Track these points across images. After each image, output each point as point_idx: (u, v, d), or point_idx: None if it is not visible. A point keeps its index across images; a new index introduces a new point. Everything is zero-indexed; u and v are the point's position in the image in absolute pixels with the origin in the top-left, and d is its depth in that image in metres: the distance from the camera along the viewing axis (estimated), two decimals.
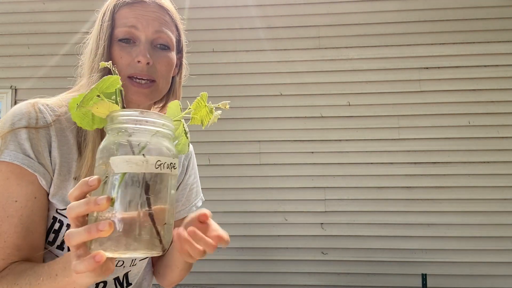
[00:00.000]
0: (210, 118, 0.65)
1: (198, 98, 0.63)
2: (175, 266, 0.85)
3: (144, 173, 0.52)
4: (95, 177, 0.51)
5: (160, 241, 0.53)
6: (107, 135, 0.55)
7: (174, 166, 0.55)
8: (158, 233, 0.53)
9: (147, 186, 0.52)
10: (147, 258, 0.94)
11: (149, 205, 0.52)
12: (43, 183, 0.75)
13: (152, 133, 0.54)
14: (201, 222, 0.64)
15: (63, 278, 0.63)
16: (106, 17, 0.81)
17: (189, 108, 0.63)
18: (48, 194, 0.77)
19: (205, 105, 0.63)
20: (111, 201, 0.50)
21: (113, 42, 0.80)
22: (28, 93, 3.81)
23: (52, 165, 0.77)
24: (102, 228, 0.48)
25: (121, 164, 0.51)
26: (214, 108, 0.65)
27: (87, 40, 0.87)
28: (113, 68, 0.61)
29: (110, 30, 0.80)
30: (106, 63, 0.62)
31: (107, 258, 0.53)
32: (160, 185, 0.54)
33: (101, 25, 0.81)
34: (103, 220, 0.49)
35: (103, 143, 0.55)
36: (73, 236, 0.51)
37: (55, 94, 0.86)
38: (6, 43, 3.95)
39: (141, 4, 0.81)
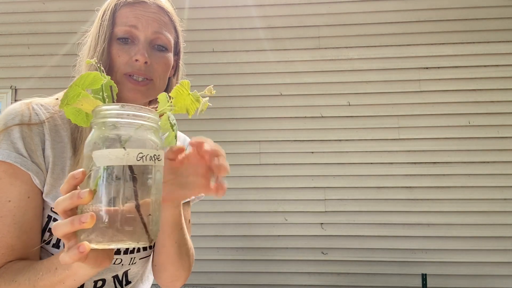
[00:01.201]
0: (196, 107, 0.65)
1: (178, 85, 0.62)
2: (169, 240, 0.81)
3: (125, 165, 0.53)
4: (80, 170, 0.53)
5: (146, 232, 0.54)
6: (92, 129, 0.56)
7: (158, 158, 0.56)
8: (144, 224, 0.54)
9: (129, 178, 0.53)
10: (149, 257, 0.94)
11: (132, 197, 0.53)
12: (36, 181, 0.75)
13: (134, 126, 0.55)
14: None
15: (62, 271, 0.63)
16: (106, 15, 0.82)
17: (171, 100, 0.63)
18: (42, 193, 0.77)
19: (189, 93, 0.63)
20: (94, 194, 0.52)
21: (112, 41, 0.81)
22: (28, 93, 3.80)
23: (45, 164, 0.77)
24: (85, 220, 0.50)
25: (102, 157, 0.52)
26: (200, 96, 0.64)
27: (86, 37, 0.87)
28: (99, 65, 0.61)
29: (110, 29, 0.81)
30: (91, 60, 0.63)
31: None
32: (143, 176, 0.55)
33: (101, 23, 0.82)
34: (87, 212, 0.51)
35: (88, 137, 0.56)
36: (58, 227, 0.53)
37: (55, 94, 0.86)
38: (6, 43, 3.95)
39: (142, 4, 0.82)
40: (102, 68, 0.61)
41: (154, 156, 0.55)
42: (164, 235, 0.79)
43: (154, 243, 0.85)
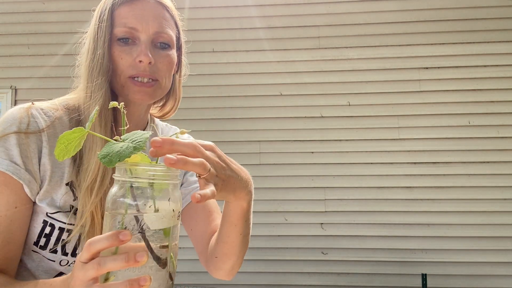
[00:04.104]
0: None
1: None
2: (235, 232, 0.79)
3: (172, 226, 0.55)
4: (126, 232, 0.50)
5: (172, 284, 0.57)
6: (128, 186, 0.54)
7: (180, 215, 0.58)
8: (172, 276, 0.57)
9: (171, 237, 0.56)
10: None
11: (169, 254, 0.56)
12: (27, 191, 0.73)
13: (176, 186, 0.57)
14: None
15: None
16: (104, 15, 0.79)
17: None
18: (32, 203, 0.75)
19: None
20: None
21: (112, 42, 0.78)
22: (28, 93, 3.81)
23: (40, 172, 0.75)
24: (144, 283, 0.49)
25: (157, 221, 0.53)
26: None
27: (83, 39, 0.84)
28: (123, 110, 0.60)
29: (109, 30, 0.78)
30: (116, 103, 0.59)
31: None
32: (176, 233, 0.57)
33: (99, 24, 0.79)
34: (142, 276, 0.51)
35: (118, 191, 0.54)
36: (107, 263, 0.51)
37: (55, 94, 0.85)
38: (6, 43, 3.94)
39: (141, 1, 0.80)
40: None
41: (180, 213, 0.58)
42: (230, 227, 0.77)
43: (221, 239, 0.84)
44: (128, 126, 0.59)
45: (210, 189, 0.56)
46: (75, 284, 0.53)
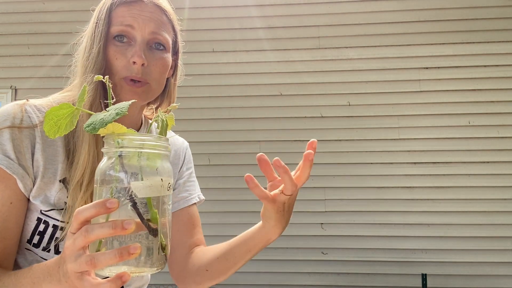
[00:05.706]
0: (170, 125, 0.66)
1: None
2: (247, 256, 0.83)
3: (160, 196, 0.55)
4: (113, 199, 0.51)
5: (165, 256, 0.56)
6: (117, 157, 0.54)
7: (173, 187, 0.58)
8: (166, 249, 0.56)
9: (161, 208, 0.55)
10: None
11: (161, 225, 0.55)
12: (20, 186, 0.73)
13: (163, 157, 0.57)
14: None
15: None
16: (102, 15, 0.80)
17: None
18: (26, 199, 0.75)
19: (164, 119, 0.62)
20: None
21: (109, 41, 0.79)
22: (28, 93, 3.78)
23: (34, 168, 0.75)
24: (134, 251, 0.49)
25: (144, 189, 0.53)
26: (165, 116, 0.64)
27: (81, 38, 0.85)
28: (108, 83, 0.61)
29: (106, 29, 0.78)
30: (101, 77, 0.61)
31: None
32: (168, 205, 0.56)
33: (97, 23, 0.80)
34: (133, 244, 0.50)
35: (106, 163, 0.54)
36: (94, 230, 0.50)
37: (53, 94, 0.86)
38: (6, 43, 3.94)
39: (139, 3, 0.80)
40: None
41: (172, 185, 0.57)
42: (244, 250, 0.81)
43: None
44: (114, 99, 0.60)
45: (272, 191, 0.71)
46: (66, 255, 0.53)
